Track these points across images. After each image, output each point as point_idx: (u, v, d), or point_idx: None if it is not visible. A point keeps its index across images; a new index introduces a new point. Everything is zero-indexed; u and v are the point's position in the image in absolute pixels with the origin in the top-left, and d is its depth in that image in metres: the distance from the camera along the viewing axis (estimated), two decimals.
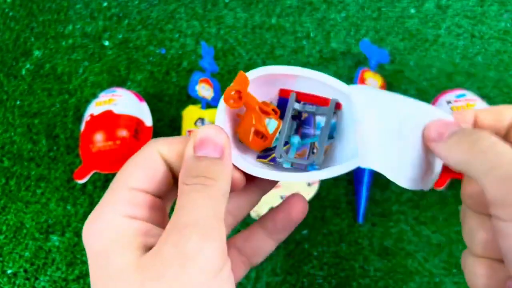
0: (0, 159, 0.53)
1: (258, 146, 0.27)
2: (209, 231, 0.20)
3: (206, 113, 0.49)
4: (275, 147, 0.27)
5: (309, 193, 0.47)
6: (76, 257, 0.47)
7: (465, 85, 0.53)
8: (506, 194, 0.19)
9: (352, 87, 0.26)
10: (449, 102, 0.46)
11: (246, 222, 0.47)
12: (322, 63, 0.56)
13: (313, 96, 0.27)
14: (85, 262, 0.47)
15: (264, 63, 0.56)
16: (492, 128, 0.24)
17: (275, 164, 0.27)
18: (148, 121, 0.50)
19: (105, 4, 0.62)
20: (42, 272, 0.47)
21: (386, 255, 0.44)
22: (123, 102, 0.49)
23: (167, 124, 0.53)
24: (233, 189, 0.24)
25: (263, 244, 0.28)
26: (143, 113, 0.50)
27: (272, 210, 0.28)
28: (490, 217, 0.21)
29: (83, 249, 0.47)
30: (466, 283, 0.24)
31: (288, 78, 0.27)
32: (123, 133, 0.47)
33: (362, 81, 0.49)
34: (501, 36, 0.56)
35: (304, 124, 0.28)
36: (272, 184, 0.28)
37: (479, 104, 0.45)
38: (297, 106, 0.27)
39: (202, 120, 0.49)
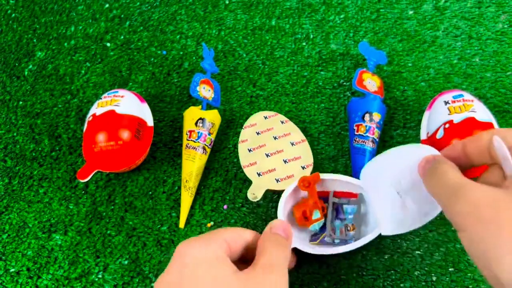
0: (3, 159, 0.54)
1: (300, 223, 0.43)
2: (283, 273, 0.32)
3: (207, 114, 0.50)
4: (317, 233, 0.43)
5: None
6: (78, 255, 0.47)
7: (463, 86, 0.53)
8: (464, 221, 0.26)
9: (361, 180, 0.42)
10: (446, 103, 0.47)
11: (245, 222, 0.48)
12: (321, 64, 0.56)
13: (341, 192, 0.44)
14: (87, 261, 0.47)
15: (264, 64, 0.56)
16: (477, 150, 0.30)
17: (322, 243, 0.43)
18: (149, 121, 0.50)
19: (106, 5, 0.63)
20: (45, 271, 0.47)
21: (384, 254, 0.45)
22: (125, 103, 0.50)
23: (168, 125, 0.54)
24: (288, 267, 0.34)
25: None
26: (145, 113, 0.50)
27: None
28: None
29: (85, 248, 0.48)
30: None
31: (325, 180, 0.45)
32: (125, 133, 0.47)
33: (361, 82, 0.50)
34: (498, 37, 0.56)
35: (337, 213, 0.44)
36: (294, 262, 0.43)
37: (476, 104, 0.46)
38: (335, 200, 0.44)
39: (202, 120, 0.50)
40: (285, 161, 0.47)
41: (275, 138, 0.49)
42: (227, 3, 0.62)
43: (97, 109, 0.49)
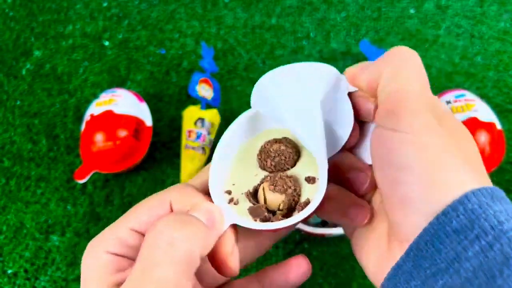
0: (0, 159, 0.53)
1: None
2: None
3: (206, 113, 0.50)
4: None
5: None
6: (76, 257, 0.47)
7: (465, 85, 0.53)
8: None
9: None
10: (448, 102, 0.46)
11: None
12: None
13: None
14: None
15: (264, 63, 0.56)
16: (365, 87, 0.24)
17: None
18: (148, 121, 0.50)
19: (105, 4, 0.62)
20: (42, 272, 0.47)
21: None
22: (123, 102, 0.49)
23: (167, 124, 0.54)
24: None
25: None
26: (143, 113, 0.50)
27: (272, 267, 0.26)
28: None
29: (83, 249, 0.47)
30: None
31: None
32: (123, 133, 0.47)
33: None
34: (501, 36, 0.56)
35: None
36: (284, 232, 0.27)
37: (478, 104, 0.45)
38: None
39: (202, 120, 0.49)
40: None
41: None
42: (227, 1, 0.61)
43: (95, 109, 0.49)
